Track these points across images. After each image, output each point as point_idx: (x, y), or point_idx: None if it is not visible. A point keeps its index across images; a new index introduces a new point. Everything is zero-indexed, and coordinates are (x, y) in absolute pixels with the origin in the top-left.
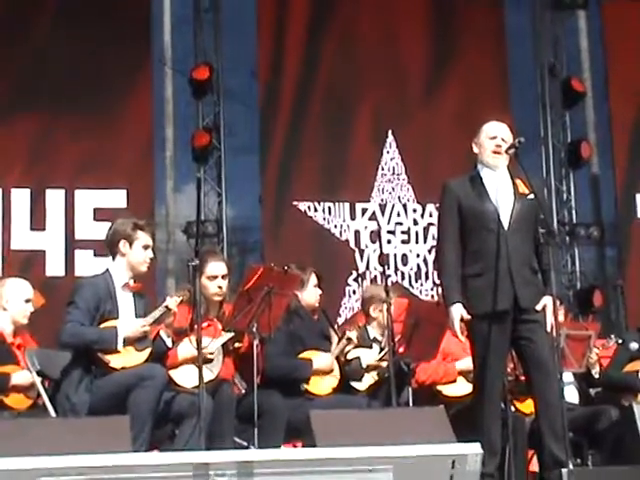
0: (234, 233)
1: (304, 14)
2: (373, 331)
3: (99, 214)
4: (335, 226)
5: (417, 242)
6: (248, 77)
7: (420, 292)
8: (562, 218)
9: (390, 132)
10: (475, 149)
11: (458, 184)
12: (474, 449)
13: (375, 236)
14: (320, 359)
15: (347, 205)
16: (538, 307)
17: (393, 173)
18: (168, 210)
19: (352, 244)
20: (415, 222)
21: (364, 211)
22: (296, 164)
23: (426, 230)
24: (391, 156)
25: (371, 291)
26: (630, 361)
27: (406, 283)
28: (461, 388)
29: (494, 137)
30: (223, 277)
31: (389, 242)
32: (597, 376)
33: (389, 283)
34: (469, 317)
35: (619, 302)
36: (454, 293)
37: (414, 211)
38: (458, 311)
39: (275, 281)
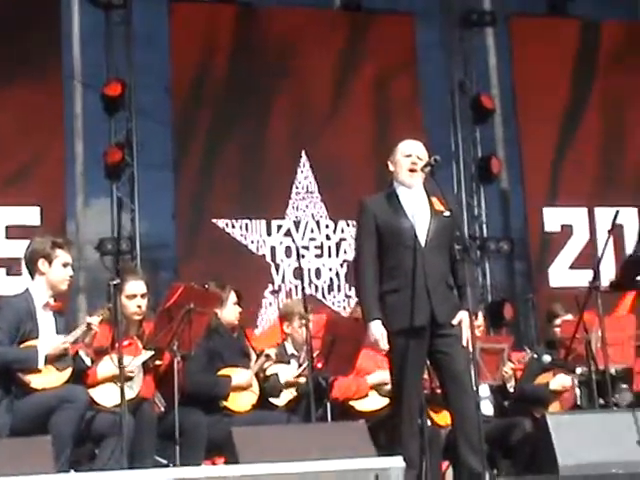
0: (147, 250)
1: (219, 29)
2: (291, 347)
3: (12, 232)
4: (252, 242)
5: (330, 256)
6: (161, 93)
7: (333, 304)
8: (473, 233)
9: (304, 152)
10: (391, 167)
11: (375, 202)
12: (396, 463)
13: (290, 251)
14: (239, 375)
15: (263, 222)
16: (454, 322)
17: (307, 191)
18: (79, 226)
19: (268, 259)
20: (328, 237)
21: (279, 227)
22: (213, 182)
23: (338, 245)
24: (305, 175)
25: (289, 307)
26: (541, 373)
27: (319, 295)
28: (373, 402)
29: (409, 155)
30: (142, 296)
31: (303, 257)
32: (512, 390)
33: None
34: (385, 344)
35: (529, 315)
36: (373, 310)
37: (327, 227)
38: (378, 327)
39: (196, 299)
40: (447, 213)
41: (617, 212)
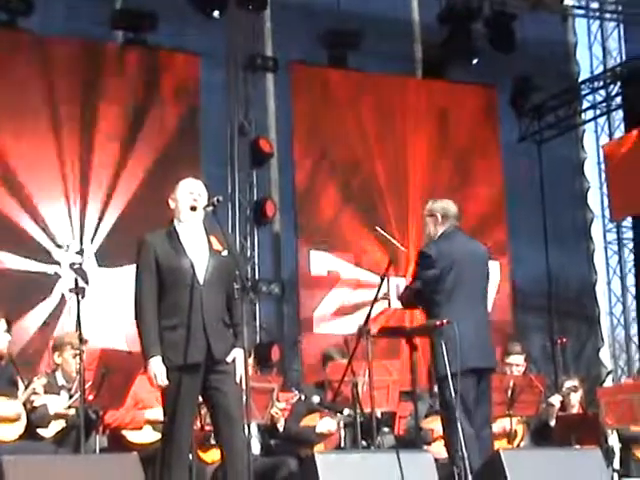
0: None
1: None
2: (61, 378)
3: None
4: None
5: None
6: None
7: None
8: (245, 274)
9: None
10: (171, 204)
11: (155, 239)
12: None
13: None
14: (6, 405)
15: None
16: (229, 359)
17: None
18: None
19: None
20: None
21: None
22: None
23: None
24: None
25: (61, 338)
26: (308, 414)
27: None
28: (146, 435)
29: (190, 193)
30: None
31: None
32: (282, 429)
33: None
34: (164, 380)
35: (296, 357)
36: (153, 347)
37: None
38: (158, 364)
39: None
40: (225, 252)
41: (390, 260)
